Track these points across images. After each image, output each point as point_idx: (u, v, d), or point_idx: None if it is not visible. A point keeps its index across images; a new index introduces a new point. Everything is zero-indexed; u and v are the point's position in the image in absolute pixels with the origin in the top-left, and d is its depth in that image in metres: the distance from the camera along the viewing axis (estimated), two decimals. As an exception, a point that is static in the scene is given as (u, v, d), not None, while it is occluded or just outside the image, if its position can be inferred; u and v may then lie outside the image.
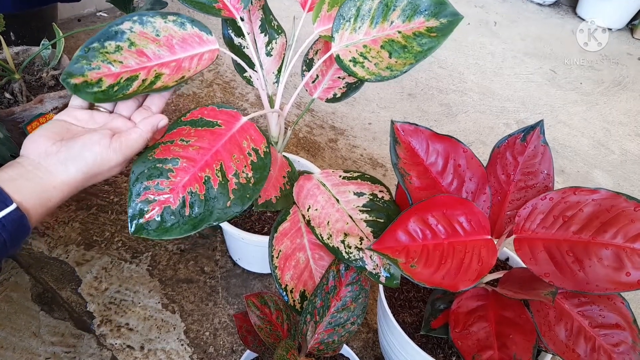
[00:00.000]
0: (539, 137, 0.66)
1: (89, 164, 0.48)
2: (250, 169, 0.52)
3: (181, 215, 0.48)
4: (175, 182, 0.49)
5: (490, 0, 2.53)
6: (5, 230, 0.42)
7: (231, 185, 0.50)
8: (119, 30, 0.54)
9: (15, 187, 0.44)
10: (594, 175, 1.41)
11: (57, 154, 0.47)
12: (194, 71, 0.57)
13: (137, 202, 0.47)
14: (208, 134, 0.53)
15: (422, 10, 0.60)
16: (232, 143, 0.53)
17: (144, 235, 0.47)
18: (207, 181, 0.50)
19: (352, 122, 1.45)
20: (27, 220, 0.44)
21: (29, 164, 0.47)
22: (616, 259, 0.52)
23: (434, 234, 0.57)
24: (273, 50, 0.78)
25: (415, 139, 0.64)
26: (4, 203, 0.43)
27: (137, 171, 0.49)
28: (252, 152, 0.53)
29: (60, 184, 0.47)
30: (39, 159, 0.47)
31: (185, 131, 0.52)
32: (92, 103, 0.54)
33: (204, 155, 0.51)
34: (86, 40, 0.53)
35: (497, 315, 0.60)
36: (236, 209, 0.50)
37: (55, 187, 0.47)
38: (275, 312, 0.63)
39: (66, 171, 0.47)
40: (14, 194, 0.44)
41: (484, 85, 1.76)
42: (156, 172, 0.49)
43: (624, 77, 1.98)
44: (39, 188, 0.46)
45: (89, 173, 0.48)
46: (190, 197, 0.48)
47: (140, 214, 0.47)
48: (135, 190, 0.48)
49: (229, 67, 1.58)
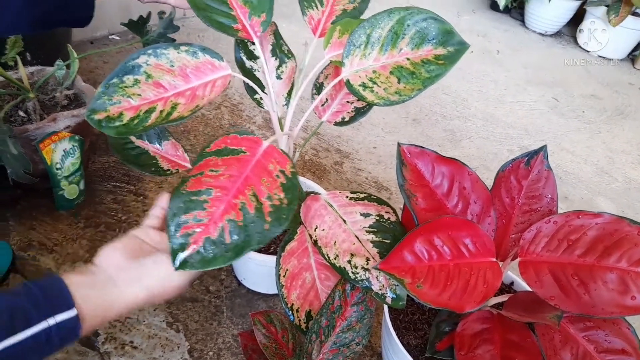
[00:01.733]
0: (542, 162, 0.67)
1: (153, 284, 0.48)
2: (282, 190, 0.52)
3: (223, 244, 0.47)
4: (211, 212, 0.49)
5: (492, 30, 2.58)
6: (59, 334, 0.42)
7: (266, 209, 0.50)
8: (136, 64, 0.56)
9: (83, 293, 0.45)
10: (598, 202, 1.41)
11: (128, 270, 0.48)
12: (207, 99, 0.58)
13: (178, 236, 0.47)
14: (235, 161, 0.53)
15: (430, 39, 0.62)
16: (259, 167, 0.53)
17: (188, 269, 0.46)
18: (242, 207, 0.50)
19: (357, 145, 1.47)
20: (80, 330, 0.44)
21: (101, 275, 0.48)
22: (621, 283, 0.52)
23: (440, 255, 0.58)
24: (283, 73, 0.80)
25: (421, 161, 0.66)
26: (67, 306, 0.43)
27: (173, 207, 0.49)
28: (280, 174, 0.54)
29: (125, 300, 0.47)
30: (111, 272, 0.48)
31: (212, 161, 0.53)
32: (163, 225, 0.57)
33: (235, 182, 0.51)
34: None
35: (503, 339, 0.60)
36: (276, 230, 0.49)
37: (120, 302, 0.47)
38: (281, 330, 0.63)
39: (132, 289, 0.48)
40: (79, 299, 0.44)
41: (487, 112, 1.78)
42: (192, 205, 0.49)
43: (626, 106, 2.00)
44: (103, 301, 0.46)
45: (152, 293, 0.49)
46: (229, 225, 0.48)
47: (182, 247, 0.47)
48: (173, 226, 0.48)
49: (237, 90, 1.61)
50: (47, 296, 0.43)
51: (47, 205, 1.06)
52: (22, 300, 0.42)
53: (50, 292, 0.43)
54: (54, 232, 1.02)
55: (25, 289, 0.43)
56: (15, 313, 0.41)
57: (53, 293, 0.43)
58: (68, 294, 0.44)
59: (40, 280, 0.44)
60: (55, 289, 0.44)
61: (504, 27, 2.64)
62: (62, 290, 0.44)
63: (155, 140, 0.78)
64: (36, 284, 0.43)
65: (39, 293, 0.43)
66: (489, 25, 2.64)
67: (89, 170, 1.18)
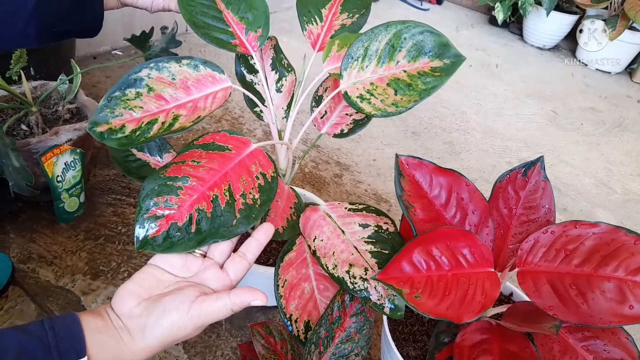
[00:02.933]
0: (539, 173, 0.68)
1: (164, 333, 0.46)
2: (257, 191, 0.54)
3: (187, 232, 0.49)
4: (184, 199, 0.50)
5: (491, 44, 2.61)
6: None
7: (238, 205, 0.52)
8: (138, 77, 0.57)
9: (96, 340, 0.44)
10: (597, 214, 1.42)
11: (139, 317, 0.46)
12: (209, 110, 0.59)
13: (145, 217, 0.48)
14: (218, 156, 0.55)
15: (427, 52, 0.63)
16: (241, 166, 0.55)
17: (148, 249, 0.47)
18: (214, 200, 0.51)
19: (356, 158, 1.48)
20: None
21: (115, 320, 0.46)
22: (619, 292, 0.52)
23: (438, 265, 0.58)
24: (283, 87, 0.81)
25: (419, 172, 0.66)
26: (77, 354, 0.41)
27: (147, 188, 0.50)
28: (260, 176, 0.55)
29: (137, 349, 0.46)
30: (123, 319, 0.46)
31: (197, 153, 0.54)
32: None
33: (214, 175, 0.53)
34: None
35: (502, 349, 0.60)
36: (242, 228, 0.51)
37: (132, 352, 0.46)
38: (280, 342, 0.63)
39: (144, 339, 0.46)
40: (92, 347, 0.43)
41: (486, 125, 1.80)
42: (166, 189, 0.50)
43: (624, 119, 2.01)
44: (116, 350, 0.45)
45: (164, 341, 0.47)
46: (197, 214, 0.50)
47: (147, 229, 0.48)
48: (144, 206, 0.49)
49: (238, 103, 1.62)
50: (59, 340, 0.41)
51: (47, 218, 1.07)
52: (32, 342, 0.40)
53: (63, 336, 0.42)
54: (54, 244, 1.02)
55: (39, 329, 0.42)
56: (23, 356, 0.39)
57: (66, 337, 0.42)
58: (81, 341, 0.42)
59: (57, 320, 0.43)
60: (69, 333, 0.42)
61: (503, 42, 2.67)
62: (75, 336, 0.42)
63: (157, 152, 0.79)
64: (52, 325, 0.42)
65: (51, 336, 0.41)
66: (488, 39, 2.67)
67: (89, 183, 1.19)
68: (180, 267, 0.51)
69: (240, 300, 0.48)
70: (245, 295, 0.48)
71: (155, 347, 0.46)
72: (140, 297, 0.47)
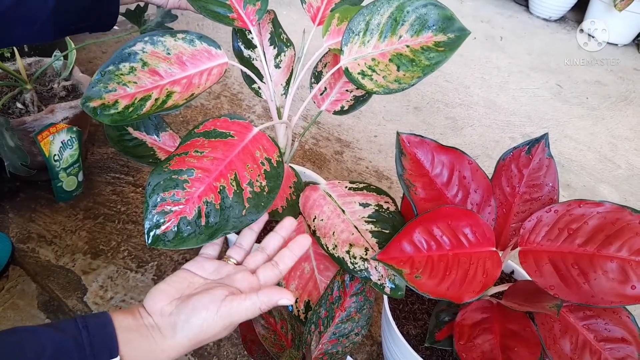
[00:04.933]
0: (544, 150, 0.66)
1: (194, 331, 0.46)
2: (264, 178, 0.53)
3: (197, 225, 0.48)
4: (190, 192, 0.49)
5: (496, 16, 2.55)
6: None
7: (246, 194, 0.51)
8: (132, 51, 0.55)
9: (127, 339, 0.44)
10: (601, 190, 1.41)
11: (170, 316, 0.47)
12: (203, 87, 0.58)
13: (154, 213, 0.47)
14: (221, 144, 0.53)
15: (431, 25, 0.61)
16: (245, 153, 0.54)
17: (161, 246, 0.47)
18: (222, 191, 0.50)
19: (358, 134, 1.46)
20: None
21: (147, 319, 0.47)
22: (621, 272, 0.52)
23: (439, 245, 0.57)
24: (282, 62, 0.79)
25: (421, 150, 0.65)
26: (110, 354, 0.42)
27: (153, 183, 0.49)
28: (265, 162, 0.54)
29: (168, 348, 0.46)
30: (155, 317, 0.47)
31: (199, 142, 0.53)
32: (220, 254, 0.56)
33: (219, 165, 0.52)
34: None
35: (502, 328, 0.60)
36: (252, 217, 0.50)
37: (163, 351, 0.46)
38: (279, 321, 0.63)
39: (174, 337, 0.46)
40: (124, 345, 0.43)
41: (489, 99, 1.77)
42: (172, 184, 0.49)
43: (630, 92, 1.98)
44: (148, 348, 0.45)
45: (194, 339, 0.47)
46: (205, 206, 0.49)
47: (157, 225, 0.47)
48: (151, 202, 0.48)
49: (236, 79, 1.60)
50: (93, 339, 0.42)
51: (46, 197, 1.06)
52: (67, 340, 0.41)
53: (96, 335, 0.43)
54: (53, 224, 1.02)
55: (73, 327, 0.42)
56: (59, 355, 0.40)
57: (99, 337, 0.43)
58: (113, 340, 0.43)
59: (90, 319, 0.44)
60: (102, 332, 0.43)
61: (508, 13, 2.61)
62: (107, 335, 0.43)
63: (153, 131, 0.77)
64: (85, 324, 0.43)
65: (85, 335, 0.42)
66: (493, 10, 2.60)
67: (87, 161, 1.18)
68: (212, 271, 0.52)
69: (268, 299, 0.48)
70: (274, 294, 0.49)
71: (185, 346, 0.47)
72: (171, 296, 0.48)
